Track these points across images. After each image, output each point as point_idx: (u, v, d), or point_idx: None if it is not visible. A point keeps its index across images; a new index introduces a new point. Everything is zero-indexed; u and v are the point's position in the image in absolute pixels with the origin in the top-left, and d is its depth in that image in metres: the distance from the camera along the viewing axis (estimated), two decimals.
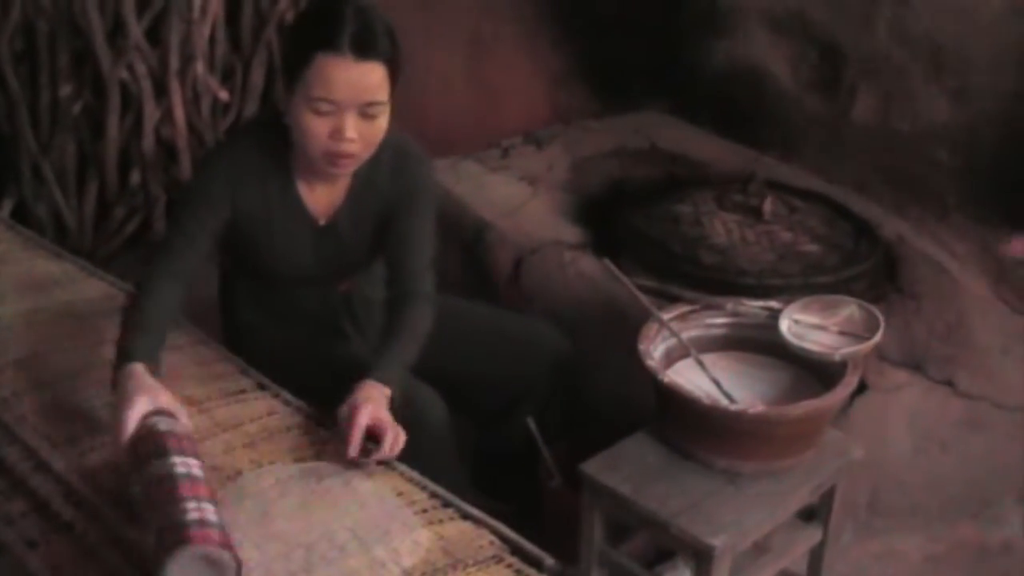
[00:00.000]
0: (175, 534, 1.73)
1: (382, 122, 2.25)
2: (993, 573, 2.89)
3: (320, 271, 2.51)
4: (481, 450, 2.88)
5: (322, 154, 2.24)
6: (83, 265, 2.74)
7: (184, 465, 1.87)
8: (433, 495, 1.97)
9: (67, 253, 2.84)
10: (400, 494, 1.96)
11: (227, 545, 1.73)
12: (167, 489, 1.81)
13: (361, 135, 2.22)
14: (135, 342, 2.13)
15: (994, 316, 3.16)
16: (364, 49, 2.15)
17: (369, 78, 2.17)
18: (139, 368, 2.05)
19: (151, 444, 1.91)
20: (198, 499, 1.82)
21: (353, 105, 2.18)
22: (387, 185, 2.43)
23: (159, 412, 1.98)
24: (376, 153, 2.33)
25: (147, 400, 1.97)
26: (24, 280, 2.64)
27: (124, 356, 2.10)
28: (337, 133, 2.20)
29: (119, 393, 2.02)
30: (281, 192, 2.39)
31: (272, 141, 2.36)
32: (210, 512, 1.79)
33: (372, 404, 2.10)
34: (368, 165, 2.37)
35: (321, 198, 2.43)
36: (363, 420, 2.06)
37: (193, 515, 1.76)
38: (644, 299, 2.56)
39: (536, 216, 3.46)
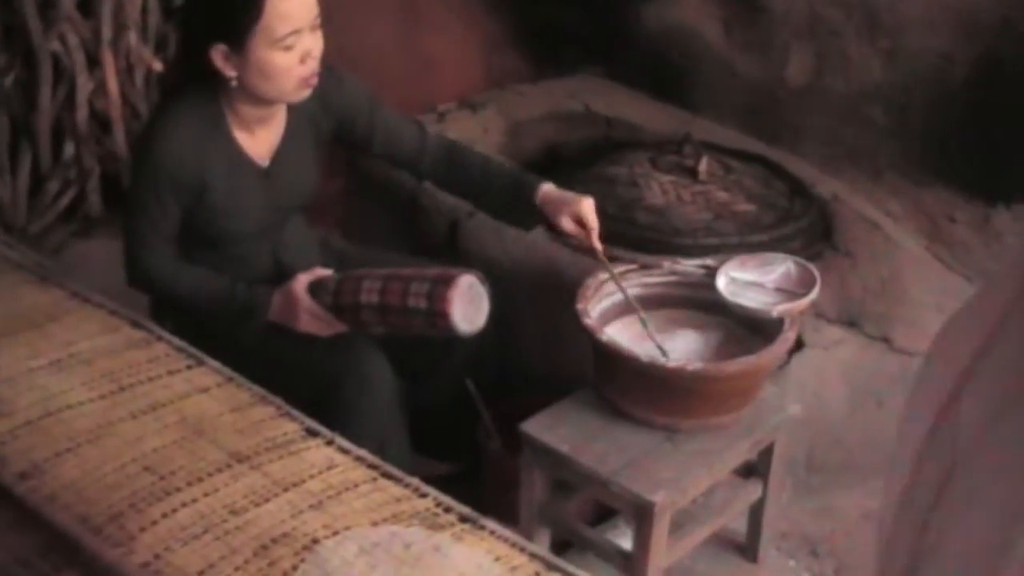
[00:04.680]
0: (441, 281, 2.19)
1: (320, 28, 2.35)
2: None
3: (269, 217, 2.49)
4: (415, 409, 2.77)
5: (298, 83, 2.32)
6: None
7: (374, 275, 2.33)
8: (533, 556, 1.72)
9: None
10: (498, 559, 1.71)
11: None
12: (397, 278, 2.27)
13: (319, 48, 2.33)
14: (222, 283, 2.43)
15: (929, 273, 3.18)
16: None
17: None
18: (258, 288, 2.41)
19: (344, 290, 2.34)
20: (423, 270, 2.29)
21: (309, 24, 2.29)
22: (317, 106, 2.49)
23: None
24: None
25: (302, 279, 2.37)
26: None
27: (234, 295, 2.41)
28: (307, 56, 2.30)
29: (279, 305, 2.38)
30: (222, 150, 2.39)
31: (200, 107, 2.36)
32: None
33: (578, 200, 2.49)
34: None
35: (262, 141, 2.45)
36: (595, 220, 2.47)
37: (433, 272, 2.25)
38: (600, 252, 2.51)
39: None
